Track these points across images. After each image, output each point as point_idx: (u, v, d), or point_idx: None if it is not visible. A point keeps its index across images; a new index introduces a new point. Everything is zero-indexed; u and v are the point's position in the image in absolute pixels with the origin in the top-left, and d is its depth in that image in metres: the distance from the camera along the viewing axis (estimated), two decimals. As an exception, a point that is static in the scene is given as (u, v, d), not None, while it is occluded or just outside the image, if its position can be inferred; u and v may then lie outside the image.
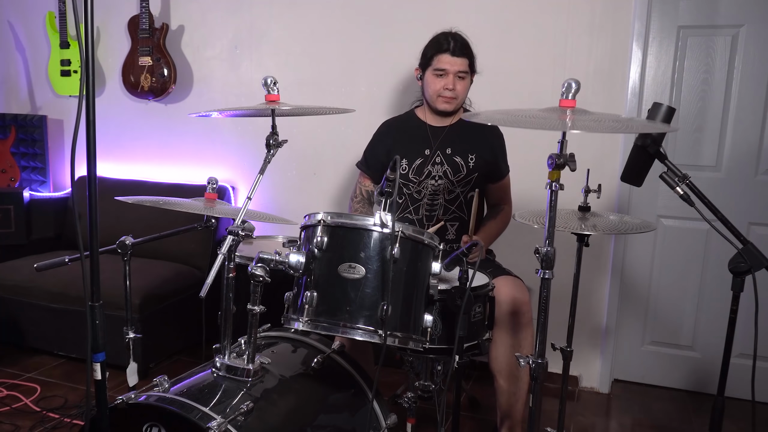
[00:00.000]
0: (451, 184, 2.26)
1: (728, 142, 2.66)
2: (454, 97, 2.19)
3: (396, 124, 2.38)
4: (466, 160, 2.27)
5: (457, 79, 2.17)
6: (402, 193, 2.28)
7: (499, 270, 2.16)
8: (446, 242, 2.26)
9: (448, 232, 2.29)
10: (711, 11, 2.60)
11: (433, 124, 2.30)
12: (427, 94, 2.24)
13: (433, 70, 2.18)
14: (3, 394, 2.54)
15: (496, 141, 2.34)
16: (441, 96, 2.19)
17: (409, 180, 2.26)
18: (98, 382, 1.17)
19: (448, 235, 2.28)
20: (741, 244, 1.54)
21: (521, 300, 2.02)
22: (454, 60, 2.15)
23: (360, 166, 2.41)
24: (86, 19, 1.10)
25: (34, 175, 3.64)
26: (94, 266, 1.14)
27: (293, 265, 1.46)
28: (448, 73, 2.16)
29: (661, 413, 2.66)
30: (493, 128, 2.33)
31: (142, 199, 1.82)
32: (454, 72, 2.16)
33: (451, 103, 2.20)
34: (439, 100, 2.21)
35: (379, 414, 1.73)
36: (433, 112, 2.28)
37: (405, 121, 2.36)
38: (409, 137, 2.30)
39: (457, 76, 2.17)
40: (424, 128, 2.30)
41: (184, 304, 2.96)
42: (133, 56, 3.31)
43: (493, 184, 2.36)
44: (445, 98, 2.19)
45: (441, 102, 2.20)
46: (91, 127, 1.11)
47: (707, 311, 2.77)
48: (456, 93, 2.19)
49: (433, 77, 2.19)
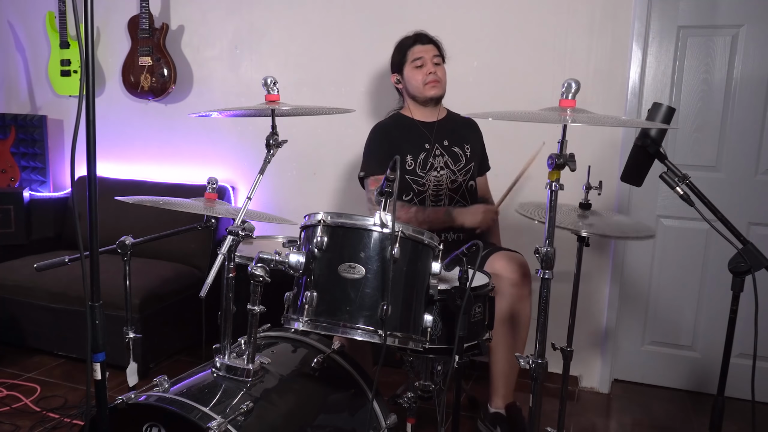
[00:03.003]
0: (452, 173, 2.34)
1: (728, 142, 2.66)
2: (438, 80, 2.29)
3: (389, 124, 2.40)
4: (463, 149, 2.38)
5: (434, 65, 2.28)
6: (410, 190, 2.31)
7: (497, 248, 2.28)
8: (453, 231, 2.31)
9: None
10: (711, 11, 2.59)
11: (423, 119, 2.37)
12: (412, 87, 2.32)
13: (410, 63, 2.29)
14: (3, 394, 2.54)
15: (480, 136, 2.49)
16: (427, 83, 2.28)
17: (416, 175, 2.31)
18: (98, 382, 1.17)
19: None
20: (741, 244, 1.54)
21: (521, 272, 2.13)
22: (426, 48, 2.29)
23: (371, 171, 2.30)
24: (86, 19, 1.10)
25: (34, 175, 3.64)
26: (94, 266, 1.14)
27: (293, 265, 1.46)
28: (425, 60, 2.27)
29: (661, 413, 2.66)
30: (475, 124, 2.48)
31: (142, 199, 1.82)
32: (430, 57, 2.28)
33: (438, 87, 2.30)
34: (426, 87, 2.29)
35: (379, 414, 1.73)
36: (421, 107, 2.36)
37: (396, 121, 2.41)
38: (407, 135, 2.35)
39: (433, 62, 2.28)
40: (416, 125, 2.36)
41: (184, 304, 2.96)
42: (133, 56, 3.31)
43: (480, 176, 2.49)
44: (431, 83, 2.29)
45: (429, 88, 2.29)
46: (91, 127, 1.10)
47: (707, 311, 2.77)
48: (438, 77, 2.29)
49: (413, 70, 2.30)
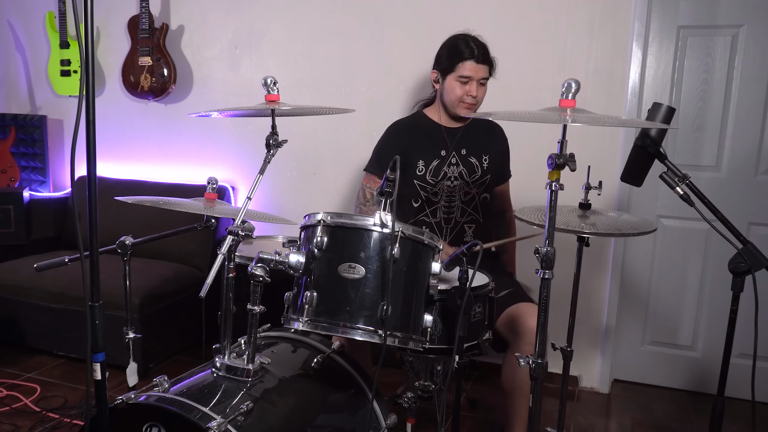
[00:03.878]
0: (466, 185, 2.25)
1: (728, 142, 2.66)
2: (475, 103, 2.18)
3: (408, 125, 2.32)
4: (480, 160, 2.27)
5: (479, 85, 2.16)
6: (419, 197, 2.24)
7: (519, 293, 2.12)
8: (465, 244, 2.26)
9: (465, 233, 2.27)
10: (711, 11, 2.59)
11: (448, 125, 2.27)
12: (448, 99, 2.20)
13: (458, 76, 2.14)
14: (3, 394, 2.54)
15: (504, 143, 2.40)
16: (463, 102, 2.17)
17: (426, 182, 2.22)
18: (98, 382, 1.17)
19: (466, 237, 2.26)
20: (741, 244, 1.54)
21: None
22: (479, 67, 2.13)
23: (370, 168, 2.29)
24: (86, 19, 1.10)
25: (34, 175, 3.64)
26: (94, 266, 1.14)
27: (293, 265, 1.46)
28: (472, 80, 2.14)
29: (661, 413, 2.66)
30: (500, 131, 2.38)
31: (142, 199, 1.82)
32: (478, 79, 2.14)
33: (472, 109, 2.18)
34: (460, 107, 2.18)
35: (379, 414, 1.73)
36: (450, 116, 2.25)
37: (416, 122, 2.31)
38: (424, 138, 2.26)
39: (479, 83, 2.16)
40: (438, 129, 2.26)
41: (184, 304, 2.96)
42: (133, 56, 3.31)
43: (499, 186, 2.40)
44: (466, 104, 2.17)
45: (462, 108, 2.17)
46: (91, 127, 1.10)
47: (707, 311, 2.77)
48: (477, 99, 2.17)
49: (455, 83, 2.16)
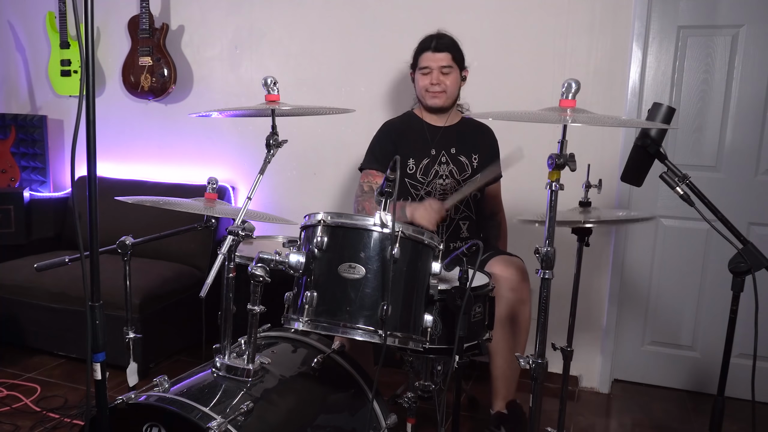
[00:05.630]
0: (457, 183, 2.30)
1: (728, 142, 2.66)
2: (443, 90, 2.26)
3: (398, 124, 2.39)
4: (470, 159, 2.33)
5: (441, 74, 2.24)
6: (410, 195, 2.29)
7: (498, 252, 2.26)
8: (461, 240, 2.31)
9: (461, 230, 2.31)
10: (711, 11, 2.59)
11: (431, 122, 2.34)
12: (418, 92, 2.34)
13: (419, 69, 2.28)
14: (3, 394, 2.54)
15: (494, 143, 2.43)
16: (428, 91, 2.27)
17: (417, 180, 2.28)
18: (98, 382, 1.17)
19: (461, 234, 2.31)
20: (741, 244, 1.54)
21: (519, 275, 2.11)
22: (435, 56, 2.23)
23: (367, 165, 2.33)
24: (86, 19, 1.10)
25: (34, 175, 3.64)
26: (94, 266, 1.14)
27: (293, 265, 1.46)
28: (431, 69, 2.24)
29: (661, 413, 2.66)
30: (489, 131, 2.42)
31: (142, 199, 1.82)
32: (437, 67, 2.24)
33: (440, 97, 2.27)
34: (427, 96, 2.28)
35: (379, 414, 1.73)
36: (428, 111, 2.34)
37: (405, 121, 2.39)
38: (413, 137, 2.33)
39: (441, 72, 2.24)
40: (422, 128, 2.34)
41: (184, 304, 2.96)
42: (133, 56, 3.31)
43: (490, 186, 2.43)
44: (432, 93, 2.27)
45: (429, 97, 2.28)
46: (91, 127, 1.10)
47: (707, 311, 2.77)
48: (444, 87, 2.25)
49: (420, 76, 2.29)
